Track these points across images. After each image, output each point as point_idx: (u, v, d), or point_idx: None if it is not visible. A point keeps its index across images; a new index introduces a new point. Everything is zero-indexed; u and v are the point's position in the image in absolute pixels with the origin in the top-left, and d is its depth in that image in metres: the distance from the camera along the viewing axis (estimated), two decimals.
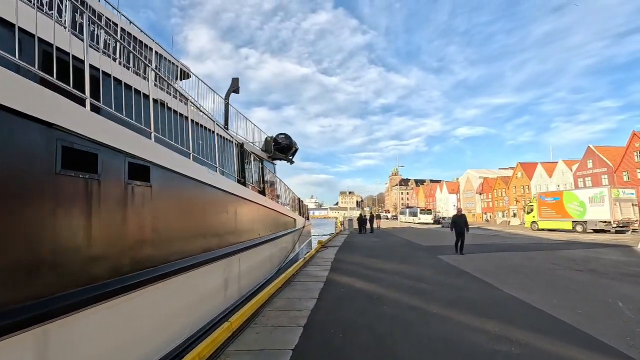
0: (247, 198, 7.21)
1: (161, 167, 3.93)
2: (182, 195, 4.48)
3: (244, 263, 6.87)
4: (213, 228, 5.37)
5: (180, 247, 4.30)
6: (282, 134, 15.18)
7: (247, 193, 7.29)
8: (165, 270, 3.83)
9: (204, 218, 5.03)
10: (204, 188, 5.07)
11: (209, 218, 5.24)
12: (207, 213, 5.17)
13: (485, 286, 6.97)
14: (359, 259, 11.58)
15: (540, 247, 14.58)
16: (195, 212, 4.77)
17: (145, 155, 3.63)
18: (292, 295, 6.44)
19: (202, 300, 4.88)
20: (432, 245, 16.46)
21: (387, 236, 24.05)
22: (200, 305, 4.81)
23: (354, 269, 9.34)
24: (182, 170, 4.40)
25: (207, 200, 5.21)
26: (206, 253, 4.99)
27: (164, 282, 3.82)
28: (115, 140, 3.20)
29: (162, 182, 4.01)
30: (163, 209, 3.97)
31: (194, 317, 4.56)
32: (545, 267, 9.17)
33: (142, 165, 3.60)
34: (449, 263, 10.26)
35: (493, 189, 77.12)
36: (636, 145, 44.72)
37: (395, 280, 7.75)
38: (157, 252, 3.78)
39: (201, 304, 4.85)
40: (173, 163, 4.20)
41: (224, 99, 10.53)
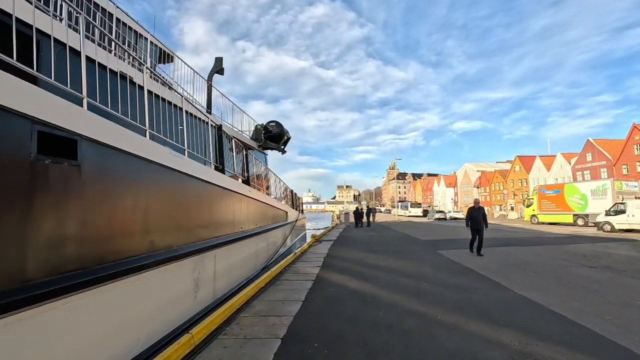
0: (226, 187, 6.38)
1: (97, 143, 3.10)
2: (131, 179, 3.65)
3: (222, 260, 6.07)
4: (177, 220, 4.54)
5: (126, 244, 3.48)
6: (272, 122, 14.30)
7: (226, 181, 6.45)
8: (100, 274, 3.01)
9: (163, 208, 4.20)
10: (165, 172, 4.24)
11: (172, 209, 4.41)
12: (169, 203, 4.34)
13: (493, 286, 6.21)
14: (353, 254, 10.81)
15: (544, 242, 13.88)
16: (151, 201, 3.94)
17: (69, 125, 2.79)
18: (275, 297, 5.66)
19: (162, 307, 4.08)
20: (431, 239, 15.74)
21: (383, 230, 23.33)
22: (159, 313, 4.01)
23: (348, 266, 8.57)
24: (130, 149, 3.56)
25: (170, 187, 4.38)
26: (166, 250, 4.17)
27: (99, 288, 3.01)
28: (15, 101, 2.35)
29: (100, 161, 3.18)
30: (99, 195, 3.14)
31: (149, 328, 3.76)
32: (555, 264, 8.44)
33: (63, 137, 2.76)
34: (450, 259, 9.51)
35: (491, 183, 76.68)
36: (636, 138, 44.19)
37: (393, 278, 6.99)
38: (87, 250, 2.96)
39: (161, 311, 4.04)
40: (117, 138, 3.36)
41: (207, 80, 9.63)
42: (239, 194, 7.27)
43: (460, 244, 13.41)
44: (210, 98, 9.66)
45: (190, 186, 4.97)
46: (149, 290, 3.82)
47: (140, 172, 3.80)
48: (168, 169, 4.28)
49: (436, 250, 11.33)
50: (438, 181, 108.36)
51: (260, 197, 9.24)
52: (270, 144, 14.48)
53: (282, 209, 13.07)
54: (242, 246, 7.29)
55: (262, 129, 14.07)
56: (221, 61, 9.81)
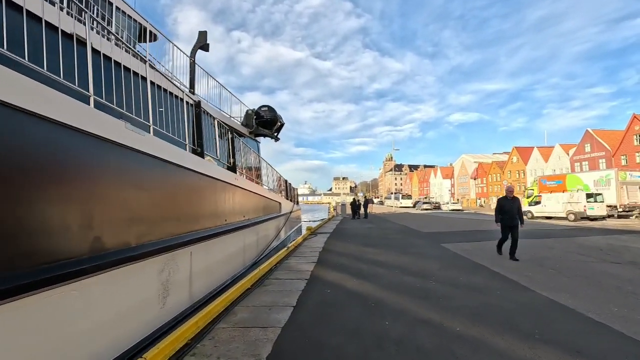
0: (205, 174, 5.51)
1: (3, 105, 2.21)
2: (64, 158, 2.77)
3: (201, 258, 5.23)
4: (136, 212, 3.67)
5: (54, 244, 2.62)
6: (265, 106, 13.33)
7: (205, 167, 5.57)
8: (8, 285, 2.15)
9: (114, 197, 3.33)
10: (118, 151, 3.35)
11: (128, 198, 3.54)
12: (123, 190, 3.46)
13: (512, 286, 5.44)
14: (351, 248, 10.03)
15: (552, 234, 13.20)
16: (93, 187, 3.06)
17: None
18: (261, 300, 4.84)
19: (112, 323, 3.23)
20: (432, 231, 15.01)
21: (381, 222, 22.61)
22: (107, 331, 3.16)
23: (346, 262, 7.77)
24: (61, 118, 2.67)
25: (125, 171, 3.50)
26: (120, 250, 3.32)
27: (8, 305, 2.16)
28: None
29: (11, 133, 2.30)
30: (13, 180, 2.27)
31: (86, 354, 2.91)
32: (573, 259, 7.70)
33: None
34: (457, 253, 8.75)
35: (488, 174, 76.25)
36: (636, 128, 43.67)
37: (396, 277, 6.20)
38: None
39: (110, 328, 3.20)
40: (37, 104, 2.47)
41: (189, 57, 8.65)
42: (223, 182, 6.40)
43: (464, 236, 12.69)
44: (194, 77, 8.68)
45: (156, 171, 4.09)
46: (92, 301, 2.97)
47: (78, 149, 2.92)
48: (122, 146, 3.39)
49: (440, 244, 10.57)
50: (435, 173, 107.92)
51: (249, 187, 8.37)
52: (263, 131, 13.53)
53: (275, 200, 12.21)
54: (227, 241, 6.45)
55: (254, 114, 13.11)
56: (205, 36, 8.81)
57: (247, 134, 13.04)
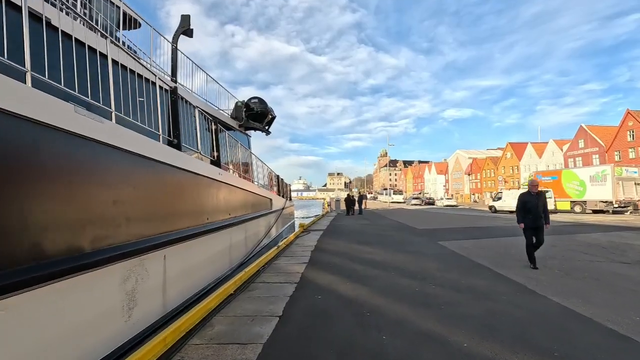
0: (182, 168, 4.96)
1: None
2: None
3: (177, 261, 4.70)
4: (93, 212, 3.13)
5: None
6: (255, 98, 12.74)
7: (182, 161, 5.02)
8: None
9: (62, 195, 2.79)
10: (63, 140, 2.80)
11: (81, 196, 3.00)
12: (72, 186, 2.92)
13: (519, 290, 5.00)
14: (345, 246, 9.56)
15: (550, 231, 12.80)
16: (35, 183, 2.52)
17: None
18: (243, 309, 4.33)
19: (57, 344, 2.71)
20: (428, 228, 14.62)
21: (376, 218, 22.21)
22: (54, 351, 2.64)
23: (339, 262, 7.29)
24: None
25: (75, 164, 2.95)
26: (71, 257, 2.78)
27: None
28: None
29: None
30: None
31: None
32: (578, 258, 7.32)
33: None
34: (454, 252, 8.33)
35: (482, 170, 76.36)
36: (629, 124, 43.81)
37: (393, 279, 5.74)
38: None
39: (57, 347, 2.67)
40: None
41: (171, 43, 8.03)
42: (204, 177, 5.86)
43: (461, 233, 12.30)
44: (176, 64, 8.06)
45: (118, 163, 3.54)
46: (27, 321, 2.44)
47: (10, 137, 2.37)
48: (70, 134, 2.84)
49: (437, 242, 10.15)
50: (429, 168, 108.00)
51: (235, 182, 7.83)
52: (253, 124, 12.95)
53: (265, 196, 11.68)
54: (209, 241, 5.92)
55: (243, 106, 12.51)
56: (188, 20, 8.18)
57: (237, 127, 12.46)
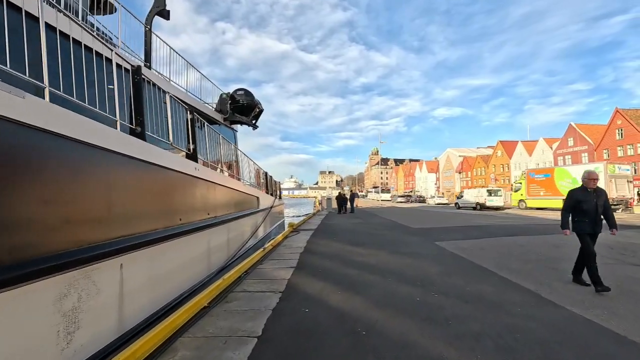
0: (145, 160, 4.24)
1: None
2: None
3: (139, 270, 4.00)
4: (18, 214, 2.42)
5: None
6: (241, 90, 11.99)
7: (146, 152, 4.30)
8: None
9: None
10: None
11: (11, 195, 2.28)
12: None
13: (533, 299, 4.42)
14: (337, 248, 8.92)
15: (549, 230, 12.41)
16: None
17: None
18: (217, 326, 3.65)
19: None
20: (422, 227, 14.07)
21: (368, 216, 21.65)
22: None
23: (330, 266, 6.65)
24: None
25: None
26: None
27: None
28: None
29: None
30: None
31: None
32: None
33: None
34: (454, 253, 7.76)
35: (473, 168, 76.68)
36: (618, 122, 44.18)
37: (390, 286, 5.11)
38: None
39: None
40: None
41: (144, 25, 7.25)
42: (177, 172, 5.14)
43: (457, 233, 11.76)
44: (150, 48, 7.29)
45: (53, 152, 2.82)
46: None
47: None
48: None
49: (433, 242, 9.58)
50: (420, 166, 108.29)
51: (216, 179, 7.11)
52: (239, 117, 12.21)
53: (251, 194, 10.95)
54: (183, 244, 5.21)
55: (228, 98, 11.77)
56: (164, 0, 7.42)
57: (221, 121, 11.71)
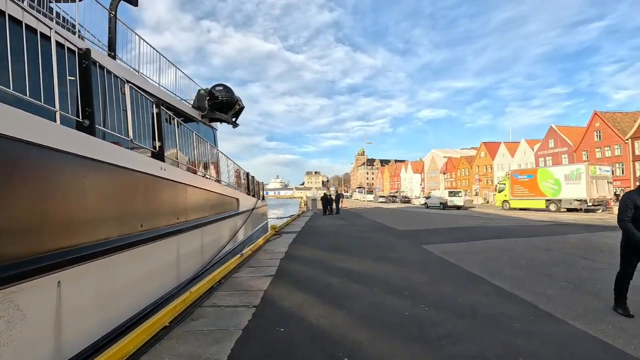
0: (96, 159, 3.65)
1: None
2: None
3: (84, 288, 3.41)
4: None
5: None
6: (219, 85, 11.35)
7: (95, 149, 3.70)
8: None
9: None
10: None
11: None
12: None
13: (532, 313, 4.04)
14: (320, 252, 8.44)
15: (536, 231, 12.28)
16: None
17: None
18: (174, 354, 3.09)
19: None
20: (409, 229, 13.75)
21: (354, 218, 21.27)
22: None
23: (312, 274, 6.16)
24: None
25: None
26: None
27: None
28: None
29: None
30: None
31: None
32: (580, 264, 6.54)
33: None
34: (442, 258, 7.40)
35: (457, 169, 77.58)
36: (596, 125, 45.25)
37: (376, 298, 4.66)
38: None
39: None
40: None
41: (109, 11, 6.58)
42: (138, 172, 4.55)
43: (444, 235, 11.47)
44: (114, 36, 6.65)
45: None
46: None
47: None
48: None
49: (420, 245, 9.23)
50: (405, 167, 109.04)
51: (187, 179, 6.51)
52: (218, 115, 11.58)
53: (230, 196, 10.35)
54: (145, 254, 4.62)
55: (206, 94, 11.12)
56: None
57: (199, 118, 11.07)
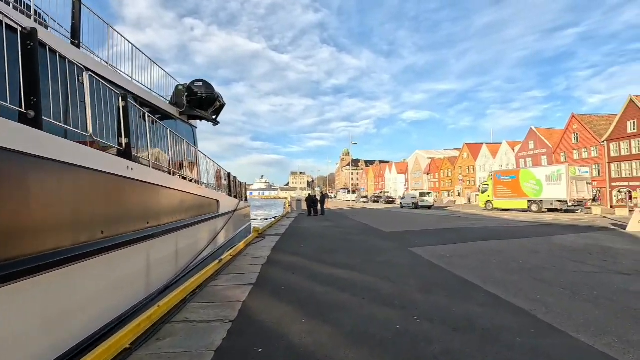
0: (46, 157, 3.15)
1: None
2: None
3: (21, 309, 2.91)
4: None
5: None
6: (199, 81, 10.79)
7: (45, 146, 3.19)
8: None
9: None
10: None
11: None
12: None
13: (531, 323, 3.75)
14: (305, 257, 8.03)
15: (523, 233, 12.23)
16: None
17: None
18: None
19: None
20: (395, 231, 13.51)
21: (339, 219, 20.95)
22: None
23: (295, 281, 5.75)
24: None
25: None
26: None
27: None
28: None
29: None
30: None
31: None
32: (572, 269, 6.36)
33: None
34: (431, 262, 7.12)
35: (440, 169, 78.62)
36: (574, 127, 46.46)
37: (364, 309, 4.30)
38: None
39: None
40: None
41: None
42: (99, 172, 4.03)
43: (431, 237, 11.26)
44: (78, 23, 6.06)
45: None
46: None
47: None
48: None
49: (408, 248, 8.95)
50: (390, 168, 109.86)
51: (160, 180, 5.99)
52: (197, 112, 11.02)
53: (210, 197, 9.81)
54: (104, 265, 4.10)
55: (185, 90, 10.55)
56: None
57: (177, 115, 10.48)
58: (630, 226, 12.42)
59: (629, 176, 36.70)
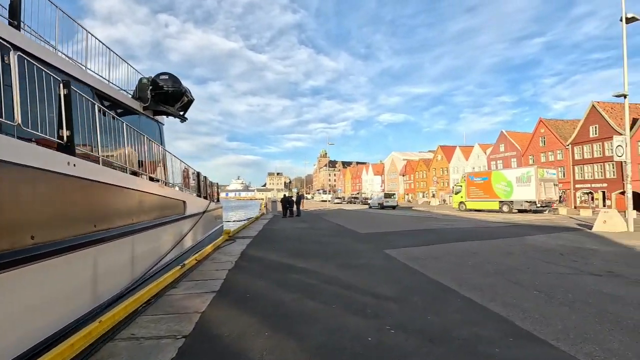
0: None
1: None
2: None
3: None
4: None
5: None
6: (165, 74, 10.13)
7: None
8: None
9: None
10: None
11: None
12: None
13: (509, 331, 3.54)
14: (276, 261, 7.62)
15: (496, 234, 12.34)
16: None
17: None
18: None
19: None
20: (371, 232, 13.32)
21: (315, 220, 20.62)
22: None
23: (263, 288, 5.34)
24: None
25: None
26: None
27: None
28: None
29: None
30: None
31: None
32: (545, 270, 6.31)
33: None
34: (407, 265, 6.90)
35: (415, 171, 79.99)
36: (542, 131, 48.39)
37: (336, 319, 3.96)
38: None
39: None
40: None
41: None
42: (30, 168, 3.47)
43: (407, 238, 11.12)
44: (19, 1, 5.40)
45: None
46: None
47: None
48: None
49: (383, 250, 8.72)
50: (367, 169, 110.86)
51: (111, 179, 5.41)
52: (163, 107, 10.36)
53: (175, 198, 9.20)
54: (36, 275, 3.54)
55: (149, 83, 9.87)
56: None
57: (140, 110, 9.78)
58: (596, 226, 12.84)
59: (591, 178, 38.63)
